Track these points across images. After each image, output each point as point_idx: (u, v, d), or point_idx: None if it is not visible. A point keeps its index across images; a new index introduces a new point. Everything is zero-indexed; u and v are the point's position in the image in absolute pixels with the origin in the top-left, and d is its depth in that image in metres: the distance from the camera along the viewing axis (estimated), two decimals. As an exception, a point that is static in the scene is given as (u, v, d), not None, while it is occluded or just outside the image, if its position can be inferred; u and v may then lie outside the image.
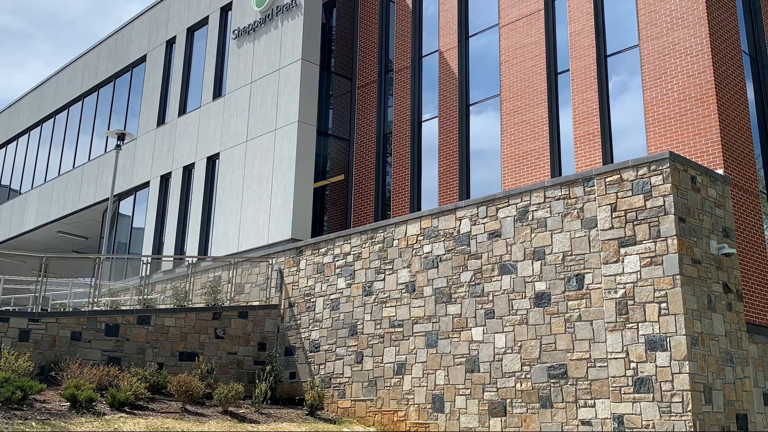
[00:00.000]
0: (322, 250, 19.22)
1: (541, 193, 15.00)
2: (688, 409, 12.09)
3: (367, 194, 23.41)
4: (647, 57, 17.75)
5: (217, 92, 26.88)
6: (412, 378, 16.23)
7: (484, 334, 15.21)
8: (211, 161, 26.25)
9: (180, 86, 28.67)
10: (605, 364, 13.25)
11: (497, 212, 15.62)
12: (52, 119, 37.19)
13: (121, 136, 24.65)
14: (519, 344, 14.58)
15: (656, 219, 13.20)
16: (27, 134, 39.29)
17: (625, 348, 13.04)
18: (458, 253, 16.11)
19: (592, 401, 13.26)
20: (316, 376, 18.21)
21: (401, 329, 16.76)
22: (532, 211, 15.02)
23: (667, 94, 17.19)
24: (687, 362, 12.30)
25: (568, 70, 19.41)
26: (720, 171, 15.64)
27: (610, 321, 13.33)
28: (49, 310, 18.92)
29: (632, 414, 12.68)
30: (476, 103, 21.59)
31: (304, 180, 22.64)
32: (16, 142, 40.25)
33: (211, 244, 25.10)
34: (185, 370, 17.36)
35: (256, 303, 20.28)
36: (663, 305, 12.76)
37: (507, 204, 15.51)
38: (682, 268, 12.80)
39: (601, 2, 19.14)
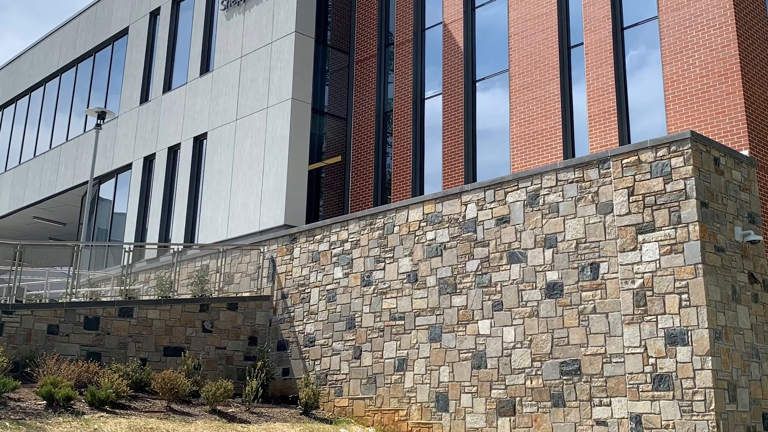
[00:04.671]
0: (318, 237, 19.15)
1: (552, 175, 14.91)
2: (711, 407, 12.04)
3: (366, 177, 23.32)
4: (667, 29, 17.62)
5: (205, 67, 26.72)
6: (414, 375, 16.19)
7: (491, 327, 15.15)
8: (199, 142, 26.13)
9: (165, 61, 28.51)
10: (622, 360, 13.19)
11: (506, 196, 15.53)
12: (27, 96, 37.04)
13: (101, 115, 24.53)
14: (529, 338, 14.52)
15: (677, 203, 13.10)
16: (0, 112, 39.13)
17: (643, 342, 12.97)
18: (464, 241, 16.02)
19: (608, 399, 13.22)
20: (311, 373, 18.19)
21: (402, 322, 16.70)
22: (543, 195, 14.93)
23: (689, 70, 17.08)
24: (710, 358, 12.24)
25: (582, 43, 19.29)
26: (745, 152, 15.55)
27: (627, 313, 13.27)
28: (24, 302, 18.87)
29: (651, 413, 12.63)
30: (483, 79, 21.47)
31: (298, 162, 22.53)
32: (-12, 121, 40.16)
33: (198, 231, 25.04)
34: (170, 366, 17.29)
35: (247, 294, 20.23)
36: (684, 296, 12.69)
37: (516, 187, 15.42)
38: (704, 257, 12.72)
39: (618, -30, 19.02)
